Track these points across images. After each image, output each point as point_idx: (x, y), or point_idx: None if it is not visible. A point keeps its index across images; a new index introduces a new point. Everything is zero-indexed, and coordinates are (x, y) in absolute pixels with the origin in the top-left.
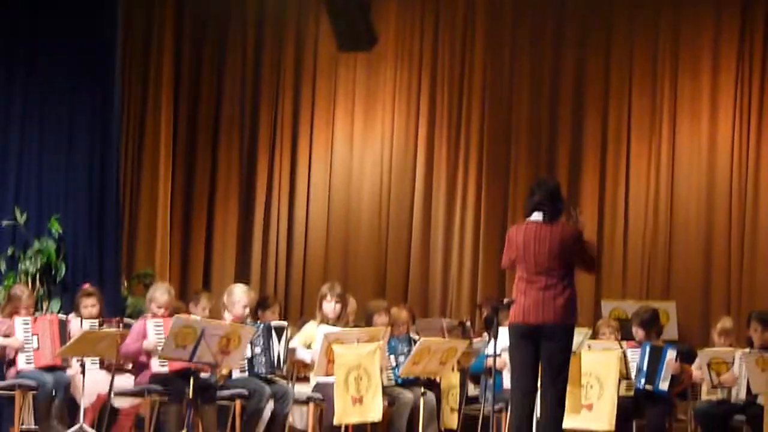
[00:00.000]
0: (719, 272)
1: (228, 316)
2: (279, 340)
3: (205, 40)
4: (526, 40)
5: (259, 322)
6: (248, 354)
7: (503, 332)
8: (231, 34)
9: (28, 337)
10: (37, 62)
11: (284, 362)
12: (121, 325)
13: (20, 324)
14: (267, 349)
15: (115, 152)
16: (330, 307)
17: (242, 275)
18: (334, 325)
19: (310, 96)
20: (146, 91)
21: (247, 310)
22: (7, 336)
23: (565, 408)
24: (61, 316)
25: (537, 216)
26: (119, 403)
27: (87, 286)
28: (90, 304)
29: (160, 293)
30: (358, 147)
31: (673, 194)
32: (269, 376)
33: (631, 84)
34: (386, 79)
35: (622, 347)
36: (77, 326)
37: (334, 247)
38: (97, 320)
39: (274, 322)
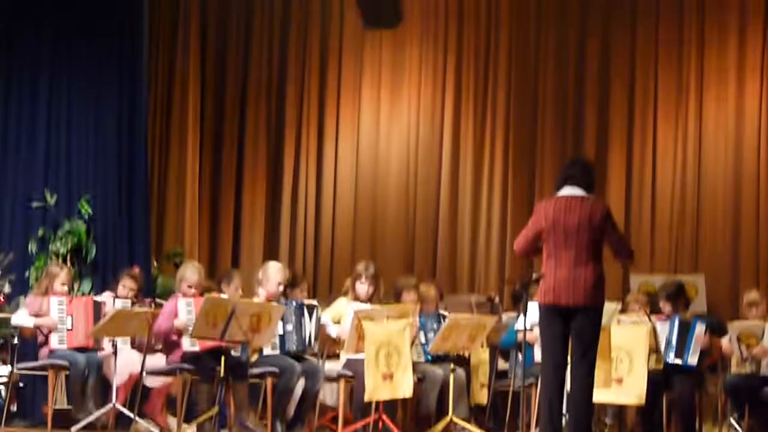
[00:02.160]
0: (747, 245)
1: (262, 293)
2: (310, 319)
3: (231, 18)
4: (551, 16)
5: (288, 299)
6: (279, 332)
7: (533, 307)
8: (257, 11)
9: (63, 318)
10: (62, 43)
11: (315, 340)
12: (153, 305)
13: (56, 304)
14: (298, 326)
15: (143, 132)
16: (363, 288)
17: (271, 253)
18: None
19: (336, 73)
20: (173, 71)
21: (282, 288)
22: (39, 315)
23: (596, 382)
24: (96, 297)
25: (568, 190)
26: (151, 382)
27: (136, 269)
28: (130, 286)
29: (191, 272)
30: (385, 124)
31: (700, 168)
32: (300, 354)
33: (657, 59)
34: (412, 57)
35: (651, 321)
36: (110, 305)
37: (361, 224)
38: (129, 300)
39: (306, 301)
